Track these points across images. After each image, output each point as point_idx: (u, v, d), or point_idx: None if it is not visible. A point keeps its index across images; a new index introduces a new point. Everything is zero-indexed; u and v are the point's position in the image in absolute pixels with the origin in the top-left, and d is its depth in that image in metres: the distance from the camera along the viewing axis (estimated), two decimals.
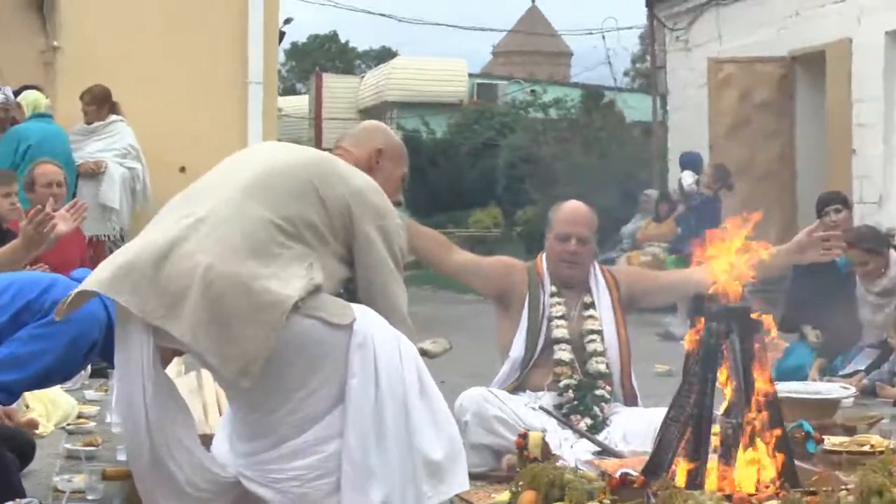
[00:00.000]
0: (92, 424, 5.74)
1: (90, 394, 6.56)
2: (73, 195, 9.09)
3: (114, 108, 9.57)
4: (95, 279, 3.35)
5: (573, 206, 5.07)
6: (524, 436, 4.25)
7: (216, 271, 3.26)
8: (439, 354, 4.09)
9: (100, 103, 9.46)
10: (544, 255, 5.06)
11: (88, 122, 9.50)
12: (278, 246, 3.37)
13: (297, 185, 3.50)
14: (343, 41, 54.24)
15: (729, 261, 3.99)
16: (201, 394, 4.72)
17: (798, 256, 4.90)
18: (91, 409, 6.05)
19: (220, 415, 4.09)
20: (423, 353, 3.82)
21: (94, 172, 9.25)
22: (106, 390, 6.18)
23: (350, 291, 3.59)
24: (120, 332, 3.37)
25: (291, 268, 3.34)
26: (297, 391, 3.32)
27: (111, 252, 9.12)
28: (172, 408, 3.38)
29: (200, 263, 3.26)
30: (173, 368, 5.30)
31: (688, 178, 11.88)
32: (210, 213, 3.40)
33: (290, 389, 3.32)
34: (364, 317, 3.40)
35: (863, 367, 7.21)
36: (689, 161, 12.34)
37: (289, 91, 43.59)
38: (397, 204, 3.84)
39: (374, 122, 4.23)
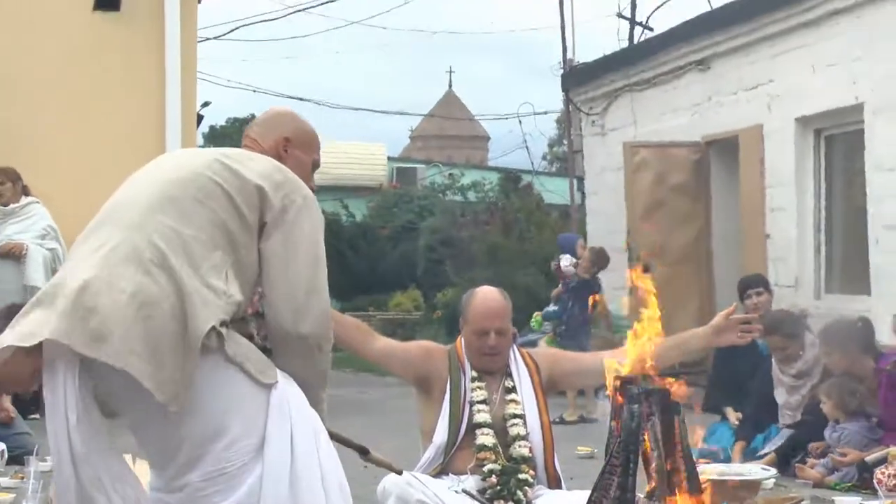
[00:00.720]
0: None
1: (5, 481, 6.42)
2: None
3: (25, 190, 9.50)
4: (17, 332, 3.27)
5: (488, 299, 5.00)
6: None
7: (139, 298, 3.22)
8: (379, 463, 4.04)
9: (14, 181, 9.39)
10: (463, 340, 5.04)
11: (3, 204, 9.40)
12: (197, 258, 3.33)
13: (201, 188, 3.44)
14: None
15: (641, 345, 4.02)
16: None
17: (715, 339, 4.93)
18: (7, 497, 5.91)
19: None
20: (363, 452, 3.80)
21: (17, 254, 9.15)
22: (22, 477, 6.04)
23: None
24: (47, 369, 3.28)
25: (211, 280, 3.30)
26: (213, 440, 3.27)
27: None
28: (102, 441, 3.30)
29: (124, 291, 3.23)
30: None
31: (565, 260, 12.18)
32: (122, 241, 3.34)
33: (205, 435, 3.27)
34: (286, 383, 3.37)
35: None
36: (566, 243, 12.64)
37: None
38: (312, 191, 3.83)
39: (281, 107, 4.11)
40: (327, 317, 3.49)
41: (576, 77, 15.85)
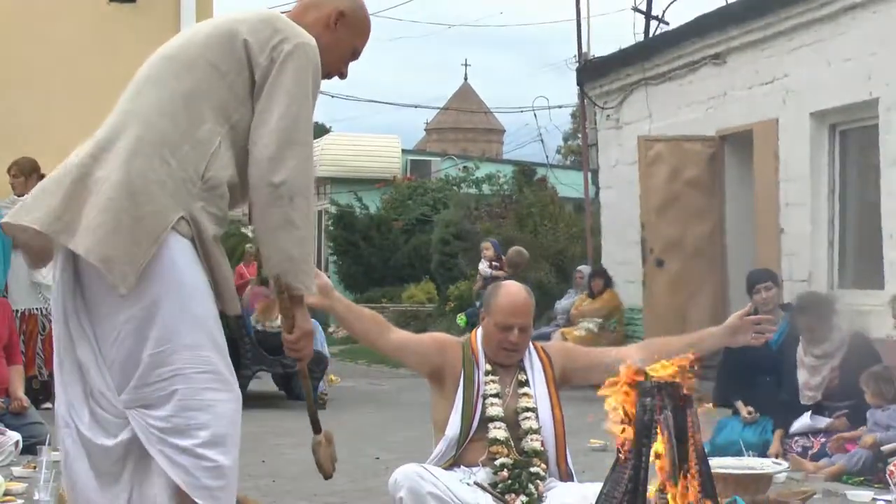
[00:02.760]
0: (20, 502, 5.64)
1: (18, 470, 6.46)
2: (6, 269, 9.02)
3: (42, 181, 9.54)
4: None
5: (515, 295, 4.98)
6: None
7: (113, 179, 3.26)
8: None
9: (27, 175, 9.41)
10: (479, 333, 5.05)
11: (18, 195, 9.44)
12: (177, 137, 3.32)
13: (183, 63, 3.43)
14: None
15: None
16: None
17: (730, 339, 4.95)
18: (19, 487, 5.94)
19: None
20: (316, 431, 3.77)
21: None
22: (34, 467, 6.08)
23: None
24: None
25: (188, 163, 3.30)
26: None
27: (44, 325, 9.11)
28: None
29: (103, 178, 3.28)
30: None
31: (483, 264, 13.86)
32: (108, 131, 3.44)
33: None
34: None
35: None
36: (493, 247, 14.51)
37: None
38: (340, 76, 3.75)
39: None
40: (305, 171, 3.39)
41: (591, 71, 15.83)
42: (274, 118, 3.35)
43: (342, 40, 3.68)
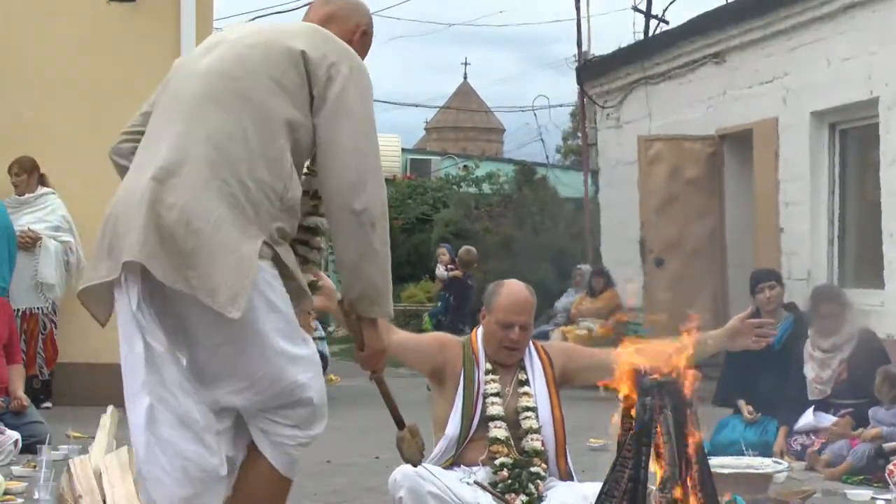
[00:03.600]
0: (19, 501, 5.64)
1: (18, 470, 6.46)
2: (12, 267, 9.02)
3: (42, 180, 9.52)
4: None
5: (516, 293, 4.99)
6: None
7: (191, 207, 3.21)
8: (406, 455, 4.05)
9: (29, 173, 9.41)
10: (479, 332, 5.04)
11: (19, 194, 9.44)
12: (248, 159, 3.30)
13: (248, 77, 3.39)
14: None
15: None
16: (132, 469, 4.65)
17: (730, 342, 4.94)
18: (19, 486, 5.95)
19: None
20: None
21: (31, 243, 9.19)
22: (34, 466, 6.08)
23: None
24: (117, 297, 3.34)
25: (265, 179, 3.29)
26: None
27: (44, 325, 9.12)
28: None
29: (177, 205, 3.22)
30: (102, 442, 5.24)
31: (440, 269, 14.90)
32: (174, 155, 3.33)
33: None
34: None
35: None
36: (447, 250, 15.48)
37: None
38: None
39: None
40: (382, 195, 3.42)
41: (591, 70, 15.84)
42: (346, 142, 3.35)
43: (358, 49, 3.69)
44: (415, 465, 4.14)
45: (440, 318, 14.42)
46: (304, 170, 3.59)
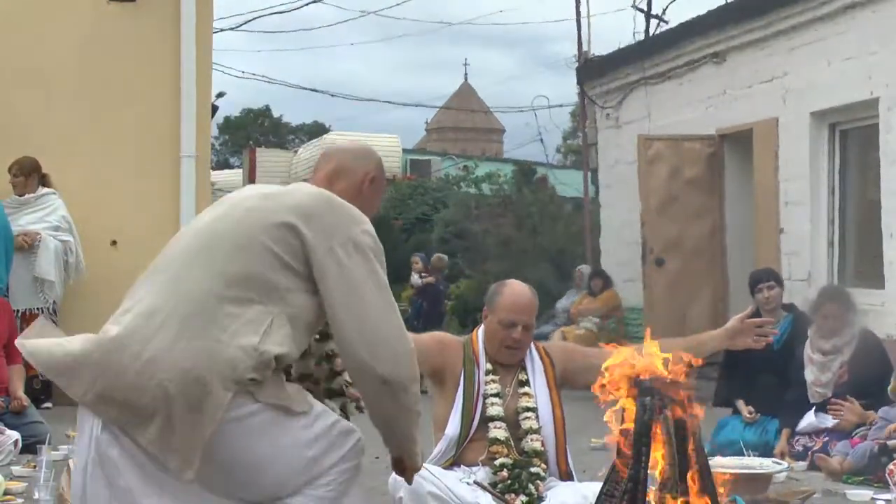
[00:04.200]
0: (19, 502, 5.64)
1: (18, 470, 6.46)
2: (9, 267, 9.02)
3: (44, 180, 9.52)
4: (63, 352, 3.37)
5: (519, 293, 5.00)
6: None
7: (158, 367, 3.17)
8: None
9: (28, 175, 9.41)
10: (480, 332, 5.04)
11: (19, 195, 9.44)
12: (226, 318, 3.23)
13: (235, 242, 3.35)
14: (276, 116, 54.42)
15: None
16: None
17: (730, 342, 4.94)
18: (19, 486, 5.95)
19: None
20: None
21: (28, 245, 9.18)
22: (34, 466, 6.08)
23: None
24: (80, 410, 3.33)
25: (240, 339, 3.20)
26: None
27: None
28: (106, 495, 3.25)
29: (143, 359, 3.19)
30: None
31: (414, 277, 15.57)
32: (151, 303, 3.31)
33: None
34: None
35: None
36: (420, 258, 16.37)
37: (222, 165, 43.58)
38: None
39: (362, 143, 4.04)
40: (407, 353, 3.39)
41: (591, 70, 15.83)
42: (357, 314, 3.31)
43: (373, 199, 3.74)
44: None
45: (414, 322, 14.77)
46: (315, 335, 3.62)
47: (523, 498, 4.67)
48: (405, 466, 3.66)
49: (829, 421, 7.41)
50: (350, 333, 3.32)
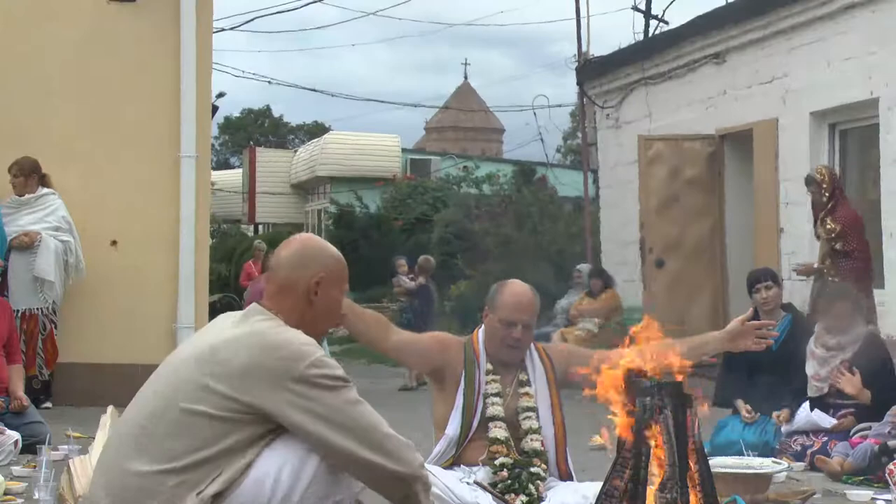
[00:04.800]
0: (20, 502, 5.63)
1: (18, 470, 6.45)
2: (5, 269, 9.01)
3: (44, 180, 9.51)
4: None
5: (520, 292, 5.01)
6: None
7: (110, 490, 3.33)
8: None
9: (27, 175, 9.40)
10: (480, 332, 5.05)
11: (19, 195, 9.42)
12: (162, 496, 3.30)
13: (176, 420, 3.35)
14: (276, 115, 54.43)
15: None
16: None
17: (730, 345, 4.95)
18: (19, 486, 5.94)
19: None
20: None
21: (28, 245, 9.17)
22: (34, 466, 6.07)
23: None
24: None
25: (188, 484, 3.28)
26: None
27: (44, 325, 9.10)
28: None
29: (98, 485, 3.38)
30: (102, 442, 5.24)
31: (404, 280, 15.39)
32: (98, 480, 3.46)
33: None
34: None
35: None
36: (405, 262, 15.91)
37: (222, 165, 43.61)
38: (337, 325, 3.75)
39: (307, 241, 3.76)
40: (408, 456, 3.44)
41: (591, 70, 15.84)
42: (351, 446, 3.34)
43: (331, 298, 3.62)
44: None
45: (411, 324, 14.60)
46: None
47: (523, 498, 4.67)
48: None
49: (827, 421, 7.40)
50: (354, 461, 3.36)
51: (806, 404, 7.52)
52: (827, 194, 9.60)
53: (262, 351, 3.35)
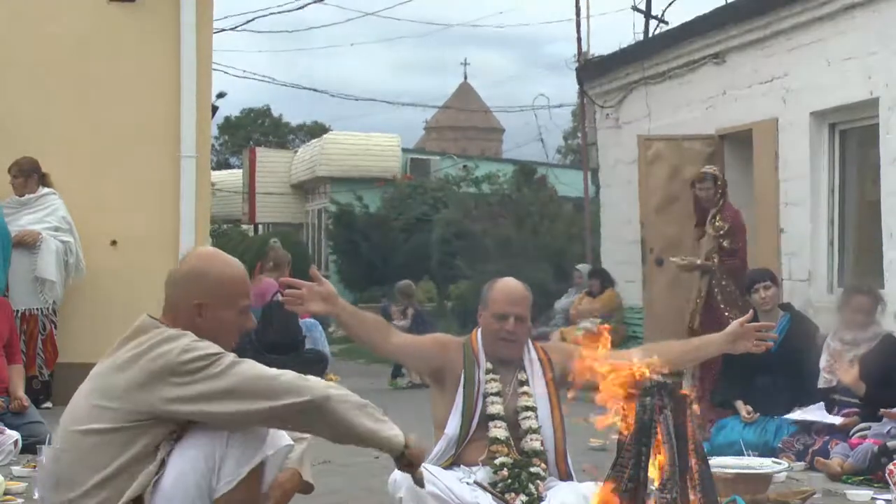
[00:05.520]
0: (20, 501, 5.63)
1: (18, 470, 6.45)
2: (6, 268, 9.02)
3: (44, 180, 9.51)
4: None
5: (510, 285, 5.05)
6: None
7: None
8: None
9: (27, 175, 9.40)
10: (479, 332, 5.06)
11: (19, 195, 9.43)
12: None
13: (77, 445, 3.46)
14: (276, 115, 54.42)
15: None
16: None
17: (730, 347, 4.96)
18: (19, 486, 5.94)
19: None
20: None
21: (30, 244, 9.18)
22: (34, 466, 6.08)
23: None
24: None
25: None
26: None
27: (44, 325, 9.11)
28: None
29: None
30: None
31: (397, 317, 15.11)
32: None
33: None
34: None
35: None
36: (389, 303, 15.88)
37: (222, 165, 43.61)
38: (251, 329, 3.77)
39: (195, 259, 3.77)
40: (308, 381, 3.51)
41: (591, 70, 15.83)
42: (251, 407, 3.40)
43: (221, 319, 3.63)
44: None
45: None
46: None
47: (523, 498, 4.67)
48: (405, 463, 3.67)
49: (835, 419, 7.40)
50: (260, 408, 3.41)
51: (821, 405, 7.54)
52: (720, 192, 10.07)
53: (139, 359, 3.42)
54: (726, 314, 9.09)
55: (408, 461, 3.66)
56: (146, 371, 3.39)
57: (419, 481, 3.84)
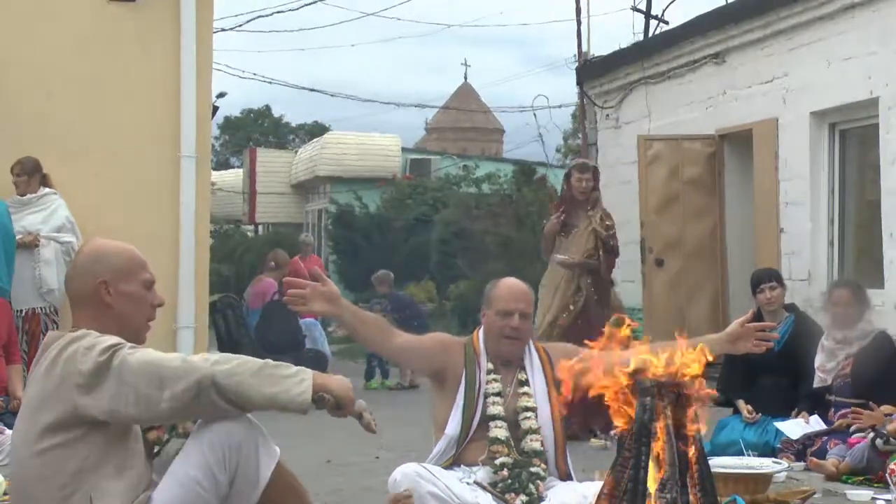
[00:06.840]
0: None
1: None
2: (10, 268, 9.01)
3: (45, 180, 9.51)
4: None
5: (514, 283, 5.09)
6: None
7: None
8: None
9: (30, 174, 9.40)
10: (480, 332, 5.06)
11: (21, 195, 9.43)
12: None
13: (32, 467, 3.48)
14: (276, 116, 54.43)
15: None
16: None
17: (731, 347, 4.93)
18: None
19: None
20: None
21: (32, 245, 9.18)
22: None
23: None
24: None
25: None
26: None
27: (46, 326, 9.10)
28: None
29: None
30: None
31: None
32: None
33: None
34: None
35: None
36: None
37: (222, 165, 43.63)
38: (160, 305, 3.77)
39: (84, 253, 3.83)
40: (193, 361, 3.48)
41: (591, 70, 15.83)
42: (157, 394, 3.40)
43: (130, 293, 3.65)
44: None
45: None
46: None
47: (523, 498, 4.67)
48: (331, 407, 3.61)
49: (822, 425, 7.41)
50: (150, 407, 3.42)
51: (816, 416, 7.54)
52: (595, 186, 9.81)
53: (51, 371, 3.48)
54: (604, 312, 8.77)
55: (333, 404, 3.59)
56: (62, 377, 3.44)
57: (367, 426, 3.76)
